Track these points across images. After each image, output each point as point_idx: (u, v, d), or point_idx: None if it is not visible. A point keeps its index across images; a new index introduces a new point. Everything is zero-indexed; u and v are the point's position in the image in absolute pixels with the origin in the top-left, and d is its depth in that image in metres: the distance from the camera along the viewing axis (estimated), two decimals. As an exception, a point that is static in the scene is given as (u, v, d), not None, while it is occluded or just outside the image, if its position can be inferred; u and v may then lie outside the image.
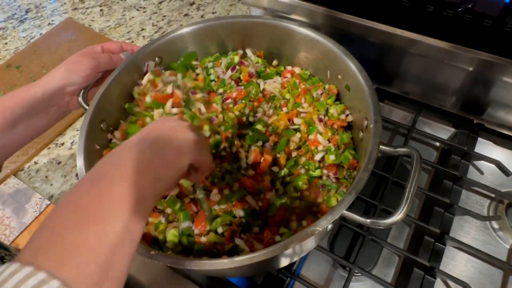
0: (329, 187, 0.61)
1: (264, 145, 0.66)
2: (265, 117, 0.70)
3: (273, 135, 0.68)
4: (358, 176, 0.51)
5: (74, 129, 0.93)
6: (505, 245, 0.69)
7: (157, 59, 0.72)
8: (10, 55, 1.11)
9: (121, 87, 0.67)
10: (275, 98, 0.72)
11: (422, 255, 0.65)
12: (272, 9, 0.92)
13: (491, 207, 0.73)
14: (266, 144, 0.66)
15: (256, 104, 0.70)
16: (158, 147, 0.41)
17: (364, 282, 0.66)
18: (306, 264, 0.68)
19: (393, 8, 0.75)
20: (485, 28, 0.67)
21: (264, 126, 0.68)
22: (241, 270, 0.58)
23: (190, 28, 0.73)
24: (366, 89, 0.59)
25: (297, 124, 0.67)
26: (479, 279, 0.65)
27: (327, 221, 0.46)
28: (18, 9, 1.28)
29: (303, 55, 0.74)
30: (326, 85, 0.72)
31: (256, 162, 0.63)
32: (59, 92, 0.62)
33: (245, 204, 0.59)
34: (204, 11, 1.20)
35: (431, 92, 0.86)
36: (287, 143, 0.65)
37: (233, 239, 0.56)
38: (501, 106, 0.80)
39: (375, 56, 0.87)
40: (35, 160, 0.88)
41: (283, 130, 0.67)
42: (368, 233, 0.67)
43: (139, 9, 1.23)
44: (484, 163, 0.78)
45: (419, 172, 0.49)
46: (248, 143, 0.65)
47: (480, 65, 0.72)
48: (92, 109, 0.61)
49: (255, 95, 0.70)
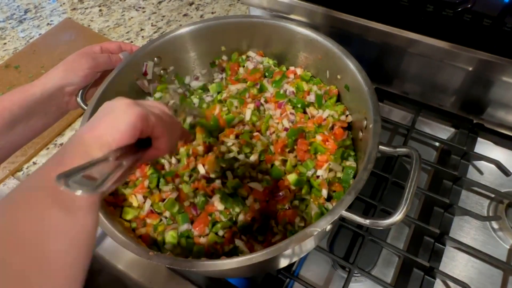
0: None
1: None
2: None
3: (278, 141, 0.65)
4: (358, 176, 0.51)
5: (73, 130, 0.93)
6: (505, 245, 0.68)
7: (156, 59, 0.72)
8: (9, 55, 1.11)
9: (120, 87, 0.67)
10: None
11: (422, 255, 0.65)
12: (271, 9, 0.92)
13: (491, 207, 0.73)
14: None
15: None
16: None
17: (364, 283, 0.66)
18: (305, 264, 0.68)
19: (392, 8, 0.75)
20: (484, 28, 0.67)
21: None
22: (240, 271, 0.58)
23: (189, 28, 0.73)
24: (366, 89, 0.59)
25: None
26: (479, 279, 0.65)
27: (326, 222, 0.46)
28: (17, 9, 1.27)
29: (302, 55, 0.74)
30: (327, 87, 0.72)
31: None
32: (58, 92, 0.62)
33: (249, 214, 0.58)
34: (203, 11, 1.19)
35: (431, 92, 0.86)
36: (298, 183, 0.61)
37: (233, 240, 0.56)
38: (500, 106, 0.80)
39: (375, 56, 0.87)
40: (34, 161, 0.87)
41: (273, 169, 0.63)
42: (367, 233, 0.67)
43: (138, 9, 1.23)
44: (483, 163, 0.77)
45: (418, 172, 0.49)
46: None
47: (480, 65, 0.72)
48: (91, 109, 0.61)
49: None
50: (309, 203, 0.58)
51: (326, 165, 0.61)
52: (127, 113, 0.38)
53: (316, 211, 0.57)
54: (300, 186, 0.60)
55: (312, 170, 0.62)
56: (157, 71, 0.74)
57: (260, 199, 0.59)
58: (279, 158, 0.63)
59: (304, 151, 0.63)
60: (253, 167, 0.63)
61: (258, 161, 0.64)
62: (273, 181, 0.61)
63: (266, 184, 0.60)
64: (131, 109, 0.39)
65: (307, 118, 0.69)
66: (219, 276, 0.65)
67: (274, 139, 0.66)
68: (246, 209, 0.58)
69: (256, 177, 0.62)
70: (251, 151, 0.65)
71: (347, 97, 0.68)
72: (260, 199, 0.59)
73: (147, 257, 0.46)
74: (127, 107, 0.39)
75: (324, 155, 0.62)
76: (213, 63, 0.80)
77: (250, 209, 0.58)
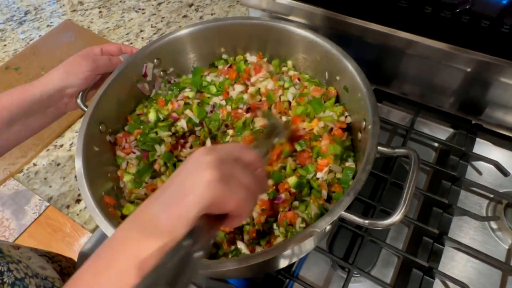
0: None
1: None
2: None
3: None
4: (357, 176, 0.51)
5: (73, 131, 0.93)
6: (504, 246, 0.69)
7: (156, 61, 0.72)
8: (9, 57, 1.11)
9: (120, 89, 0.68)
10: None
11: (421, 255, 0.65)
12: (270, 11, 0.92)
13: (490, 208, 0.73)
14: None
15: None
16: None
17: (363, 283, 0.66)
18: (305, 265, 0.68)
19: (391, 9, 0.75)
20: (482, 29, 0.68)
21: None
22: (240, 271, 0.58)
23: (189, 30, 0.73)
24: (364, 90, 0.59)
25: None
26: (478, 279, 0.65)
27: (326, 222, 0.46)
28: (17, 11, 1.28)
29: (301, 57, 0.74)
30: (326, 88, 0.72)
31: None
32: (57, 93, 0.62)
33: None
34: (202, 12, 1.20)
35: (430, 93, 0.87)
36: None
37: (235, 241, 0.56)
38: (499, 107, 0.80)
39: (374, 57, 0.87)
40: (34, 162, 0.88)
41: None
42: (367, 234, 0.67)
43: (138, 11, 1.23)
44: (482, 163, 0.78)
45: (417, 172, 0.49)
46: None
47: (478, 66, 0.73)
48: (91, 111, 0.61)
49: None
50: (309, 204, 0.59)
51: (327, 168, 0.61)
52: (210, 196, 0.33)
53: (316, 212, 0.57)
54: (300, 189, 0.60)
55: (312, 173, 0.62)
56: (156, 72, 0.74)
57: (266, 209, 0.58)
58: (277, 165, 0.63)
59: (306, 157, 0.63)
60: None
61: None
62: (274, 184, 0.61)
63: (271, 196, 0.59)
64: (215, 190, 0.33)
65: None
66: (219, 276, 0.66)
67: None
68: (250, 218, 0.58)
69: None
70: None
71: (346, 98, 0.68)
72: (266, 209, 0.58)
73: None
74: (210, 185, 0.33)
75: (325, 159, 0.62)
76: (213, 64, 0.80)
77: (256, 221, 0.58)
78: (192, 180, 0.34)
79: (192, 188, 0.33)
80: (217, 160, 0.35)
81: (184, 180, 0.34)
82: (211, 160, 0.35)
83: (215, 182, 0.33)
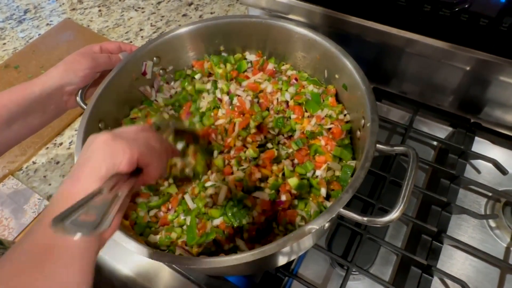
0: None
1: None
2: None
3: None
4: (356, 174, 0.51)
5: (72, 129, 0.93)
6: (502, 244, 0.69)
7: (155, 59, 0.72)
8: (8, 56, 1.11)
9: (119, 87, 0.68)
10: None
11: (420, 253, 0.65)
12: (270, 9, 0.92)
13: (488, 206, 0.73)
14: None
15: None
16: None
17: (362, 281, 0.66)
18: (304, 263, 0.68)
19: (390, 8, 0.75)
20: (481, 28, 0.68)
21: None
22: (239, 269, 0.58)
23: (188, 28, 0.73)
24: (363, 88, 0.59)
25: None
26: (476, 277, 0.65)
27: (324, 219, 0.46)
28: (16, 9, 1.28)
29: (300, 55, 0.74)
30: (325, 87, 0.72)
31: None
32: (57, 91, 0.62)
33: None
34: (202, 11, 1.20)
35: (429, 91, 0.87)
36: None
37: (234, 239, 0.56)
38: (498, 105, 0.80)
39: (373, 56, 0.87)
40: (33, 160, 0.88)
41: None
42: (365, 231, 0.67)
43: (138, 10, 1.23)
44: (481, 162, 0.78)
45: (415, 170, 0.49)
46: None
47: (477, 65, 0.73)
48: (90, 109, 0.61)
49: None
50: (308, 202, 0.59)
51: (325, 165, 0.61)
52: (105, 155, 0.38)
53: (315, 210, 0.57)
54: (301, 191, 0.60)
55: (311, 171, 0.62)
56: (156, 70, 0.74)
57: (267, 209, 0.58)
58: (273, 170, 0.63)
59: (303, 155, 0.63)
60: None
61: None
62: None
63: (272, 197, 0.59)
64: (110, 148, 0.38)
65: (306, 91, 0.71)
66: (218, 274, 0.66)
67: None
68: (250, 217, 0.58)
69: (260, 186, 0.61)
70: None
71: (345, 96, 0.68)
72: (267, 209, 0.58)
73: (148, 254, 0.46)
74: (105, 145, 0.38)
75: (323, 156, 0.62)
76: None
77: (256, 221, 0.58)
78: (90, 150, 0.39)
79: (92, 154, 0.39)
80: (109, 132, 0.41)
81: (83, 154, 0.40)
82: (104, 133, 0.40)
83: (110, 140, 0.39)
